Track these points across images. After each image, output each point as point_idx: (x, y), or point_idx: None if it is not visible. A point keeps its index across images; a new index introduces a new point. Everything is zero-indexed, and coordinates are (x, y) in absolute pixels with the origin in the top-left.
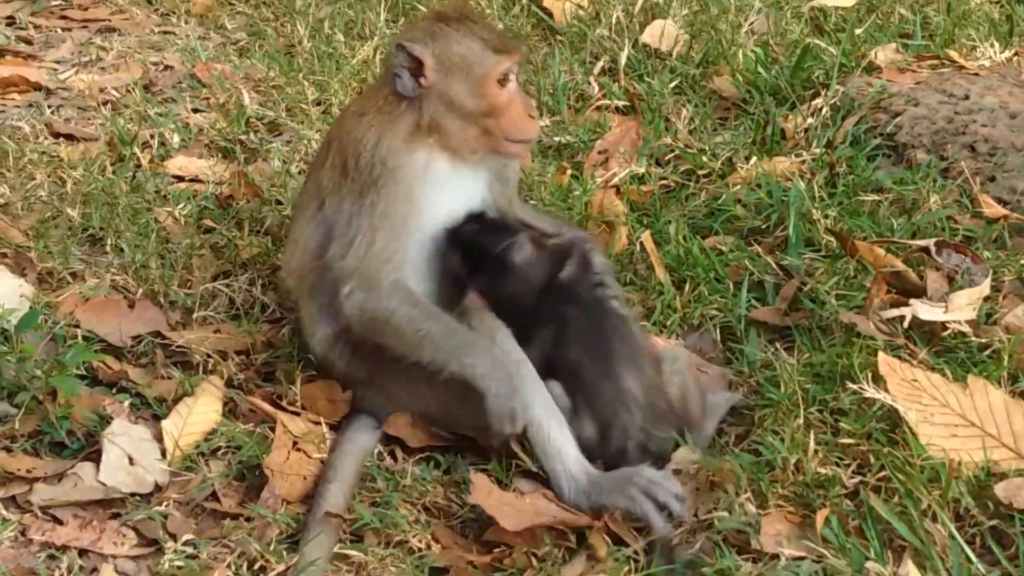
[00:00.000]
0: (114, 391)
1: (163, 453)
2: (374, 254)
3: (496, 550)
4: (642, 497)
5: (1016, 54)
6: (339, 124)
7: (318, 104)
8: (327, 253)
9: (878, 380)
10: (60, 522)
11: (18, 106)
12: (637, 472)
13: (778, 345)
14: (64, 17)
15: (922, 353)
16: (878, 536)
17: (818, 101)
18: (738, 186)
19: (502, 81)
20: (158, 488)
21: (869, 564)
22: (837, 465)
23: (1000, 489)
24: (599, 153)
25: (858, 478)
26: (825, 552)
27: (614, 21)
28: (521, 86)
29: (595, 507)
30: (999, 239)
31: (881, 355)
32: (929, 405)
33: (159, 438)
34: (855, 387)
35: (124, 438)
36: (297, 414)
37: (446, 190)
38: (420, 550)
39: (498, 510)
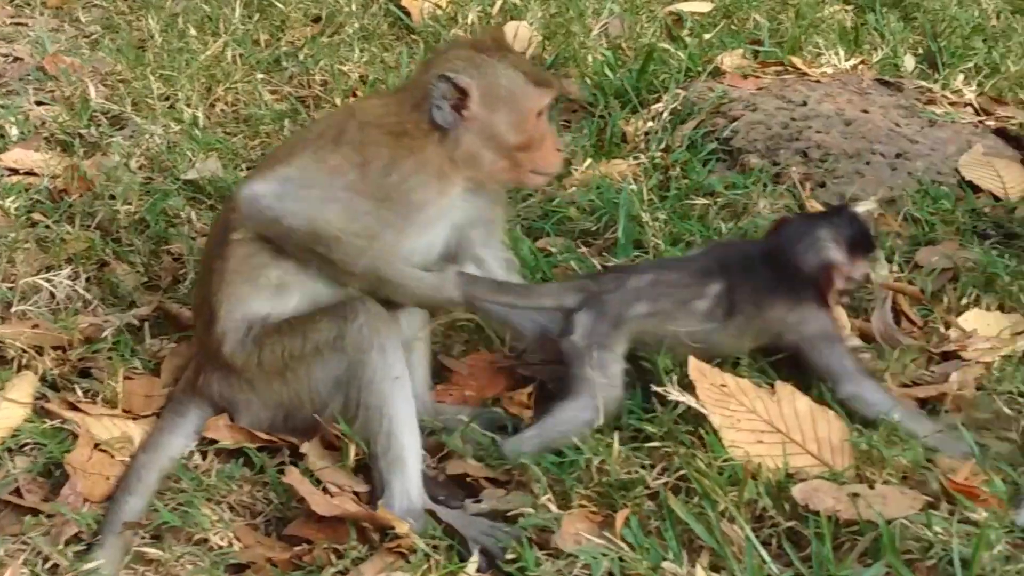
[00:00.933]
0: None
1: None
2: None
3: (298, 547)
4: (470, 543)
5: (863, 62)
6: (360, 129)
7: (165, 99)
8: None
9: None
10: None
11: None
12: (473, 523)
13: None
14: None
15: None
16: (676, 536)
17: (659, 105)
18: (574, 188)
19: (540, 114)
20: None
21: (665, 564)
22: (643, 467)
23: (797, 491)
24: None
25: (664, 479)
26: (623, 551)
27: (470, 22)
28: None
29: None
30: None
31: (692, 359)
32: (737, 410)
33: None
34: (660, 390)
35: None
36: (107, 413)
37: (442, 225)
38: (221, 548)
39: (311, 496)
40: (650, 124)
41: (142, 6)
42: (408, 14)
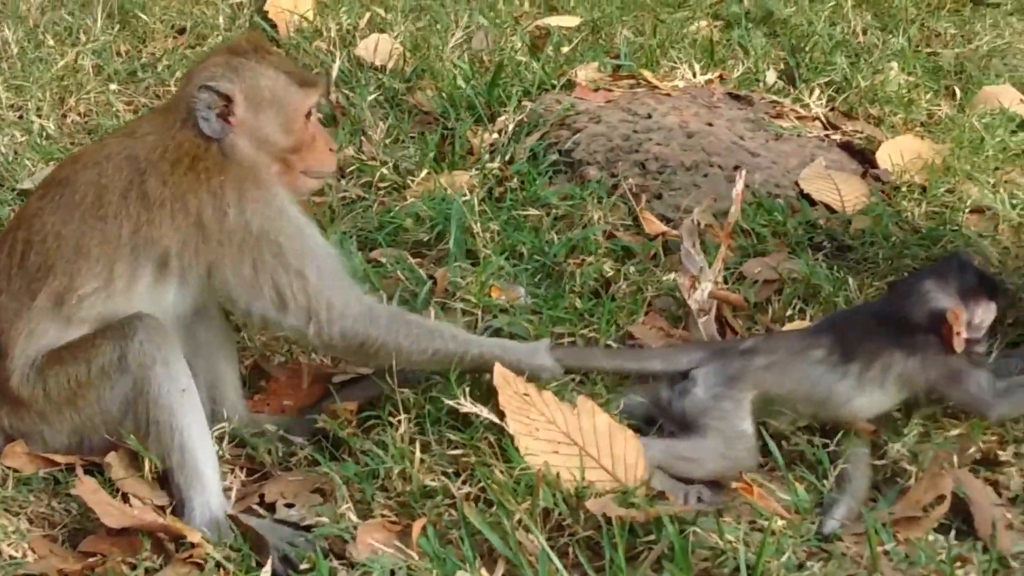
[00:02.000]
0: None
1: None
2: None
3: (91, 559)
4: (270, 549)
5: (720, 76)
6: (159, 180)
7: (15, 108)
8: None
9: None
10: None
11: None
12: (275, 530)
13: None
14: None
15: None
16: (473, 546)
17: (504, 117)
18: (412, 200)
19: (308, 115)
20: None
21: (460, 574)
22: (446, 475)
23: (591, 503)
24: None
25: (467, 489)
26: (415, 561)
27: (333, 34)
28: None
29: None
30: (656, 255)
31: (497, 367)
32: (536, 420)
33: None
34: (452, 402)
35: None
36: None
37: None
38: (14, 558)
39: (101, 507)
40: (495, 136)
41: (5, 15)
42: (275, 27)
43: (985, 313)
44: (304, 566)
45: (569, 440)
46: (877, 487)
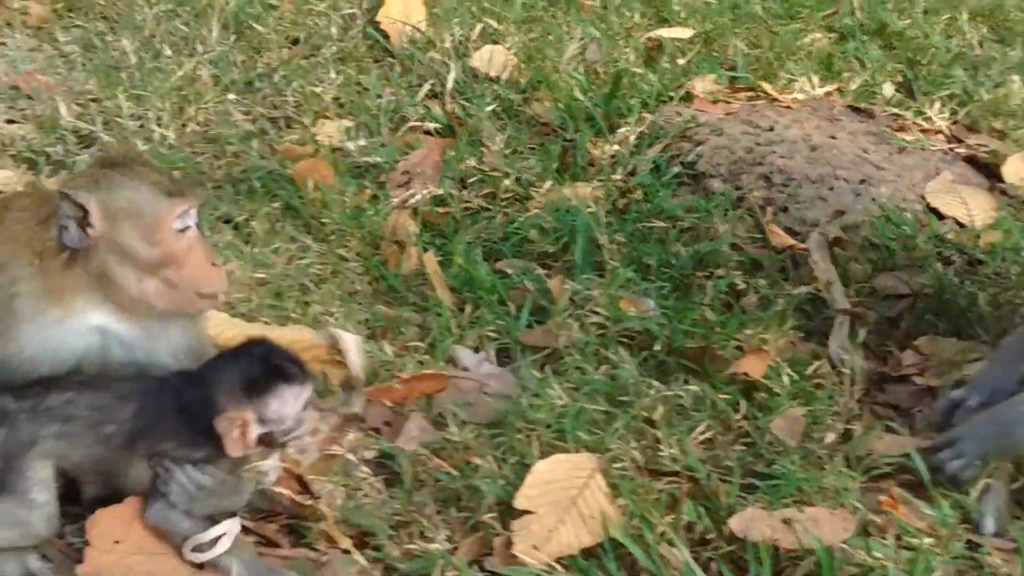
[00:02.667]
0: None
1: None
2: None
3: None
4: None
5: (838, 89)
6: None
7: (136, 118)
8: None
9: None
10: None
11: None
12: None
13: (549, 367)
14: None
15: None
16: (616, 559)
17: (625, 129)
18: (536, 211)
19: (179, 227)
20: None
21: None
22: None
23: (734, 522)
24: (403, 174)
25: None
26: (562, 573)
27: (447, 45)
28: (203, 233)
29: None
30: (784, 268)
31: None
32: None
33: None
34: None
35: None
36: None
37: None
38: None
39: None
40: (616, 148)
41: (121, 26)
42: (387, 37)
43: (283, 407)
44: None
45: None
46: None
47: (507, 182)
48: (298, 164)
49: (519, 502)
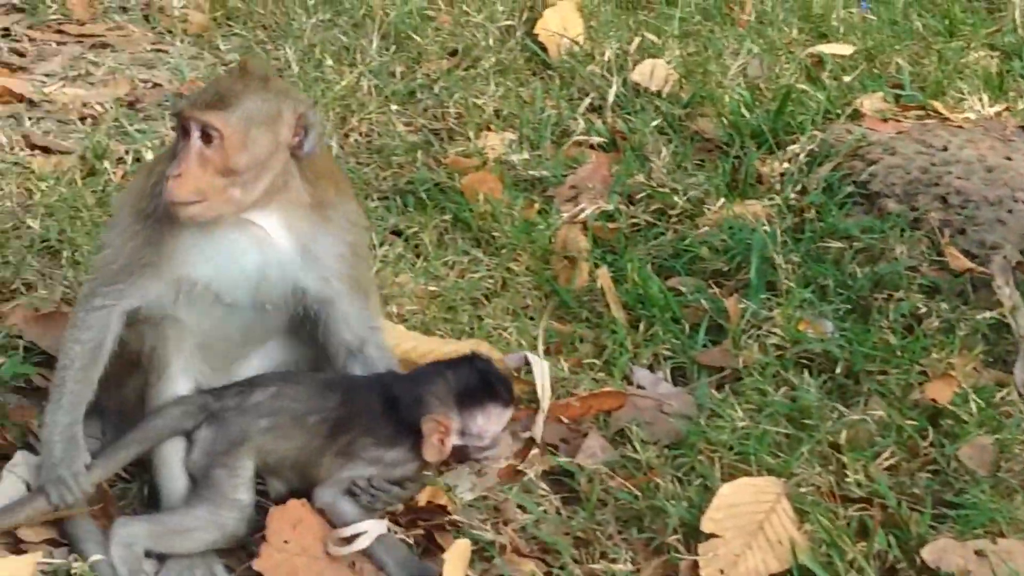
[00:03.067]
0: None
1: None
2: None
3: None
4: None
5: (1007, 108)
6: None
7: None
8: None
9: None
10: None
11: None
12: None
13: (727, 387)
14: (60, 31)
15: None
16: None
17: (795, 147)
18: (706, 228)
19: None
20: None
21: None
22: None
23: (927, 552)
24: (570, 188)
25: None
26: None
27: (607, 59)
28: (185, 143)
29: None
30: (963, 292)
31: None
32: None
33: None
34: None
35: None
36: None
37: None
38: None
39: None
40: (786, 165)
41: (282, 35)
42: (545, 50)
43: (488, 423)
44: None
45: None
46: None
47: (677, 198)
48: (466, 177)
49: (705, 525)
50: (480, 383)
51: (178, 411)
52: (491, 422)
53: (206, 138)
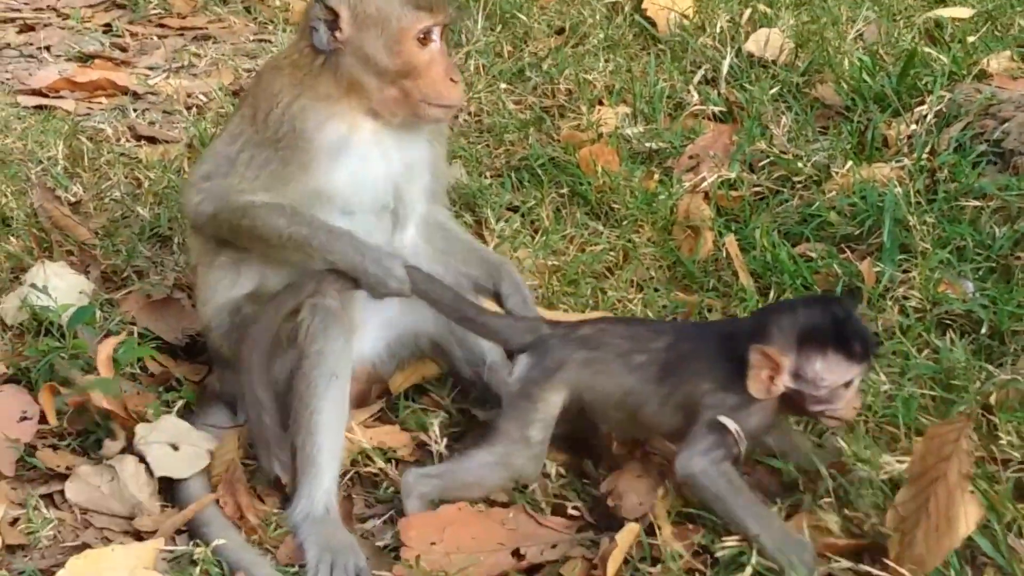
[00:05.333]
0: (163, 390)
1: None
2: (241, 188)
3: None
4: (324, 565)
5: None
6: (257, 78)
7: None
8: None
9: None
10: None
11: (104, 109)
12: (353, 551)
13: None
14: (161, 25)
15: None
16: (958, 552)
17: (922, 108)
18: (833, 193)
19: (423, 40)
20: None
21: None
22: None
23: None
24: (689, 158)
25: None
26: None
27: (718, 30)
28: (447, 51)
29: (299, 540)
30: None
31: None
32: None
33: None
34: None
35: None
36: None
37: (351, 165)
38: None
39: None
40: (913, 127)
41: None
42: (654, 24)
43: (825, 371)
44: None
45: None
46: None
47: (800, 164)
48: (582, 150)
49: None
50: (830, 327)
51: (515, 324)
52: (830, 371)
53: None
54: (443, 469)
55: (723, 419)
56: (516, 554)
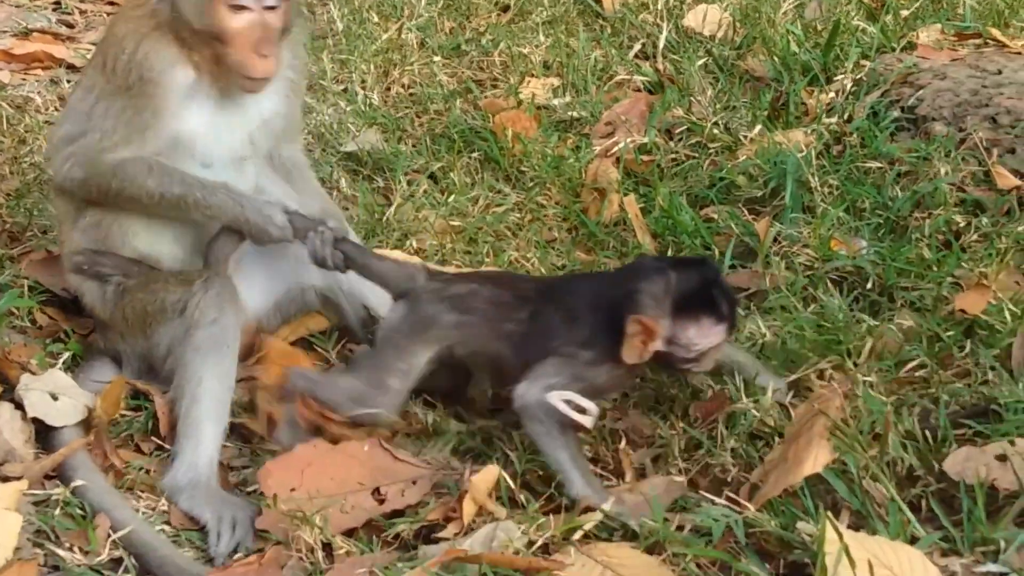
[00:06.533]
0: (50, 341)
1: None
2: (103, 146)
3: None
4: (226, 525)
5: None
6: (108, 26)
7: (338, 82)
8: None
9: None
10: None
11: (39, 80)
12: (242, 506)
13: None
14: (112, 3)
15: None
16: (814, 495)
17: (842, 76)
18: (744, 158)
19: (235, 7)
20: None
21: (800, 524)
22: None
23: (948, 464)
24: (606, 124)
25: None
26: (754, 513)
27: (660, 7)
28: (271, 24)
29: (186, 504)
30: (1010, 211)
31: None
32: None
33: None
34: None
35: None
36: None
37: (204, 112)
38: None
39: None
40: (832, 96)
41: None
42: (599, 1)
43: (698, 336)
44: None
45: None
46: None
47: (715, 131)
48: (497, 116)
49: None
50: (702, 292)
51: (401, 271)
52: (703, 335)
53: (270, 7)
54: (320, 376)
55: (554, 398)
56: (376, 493)
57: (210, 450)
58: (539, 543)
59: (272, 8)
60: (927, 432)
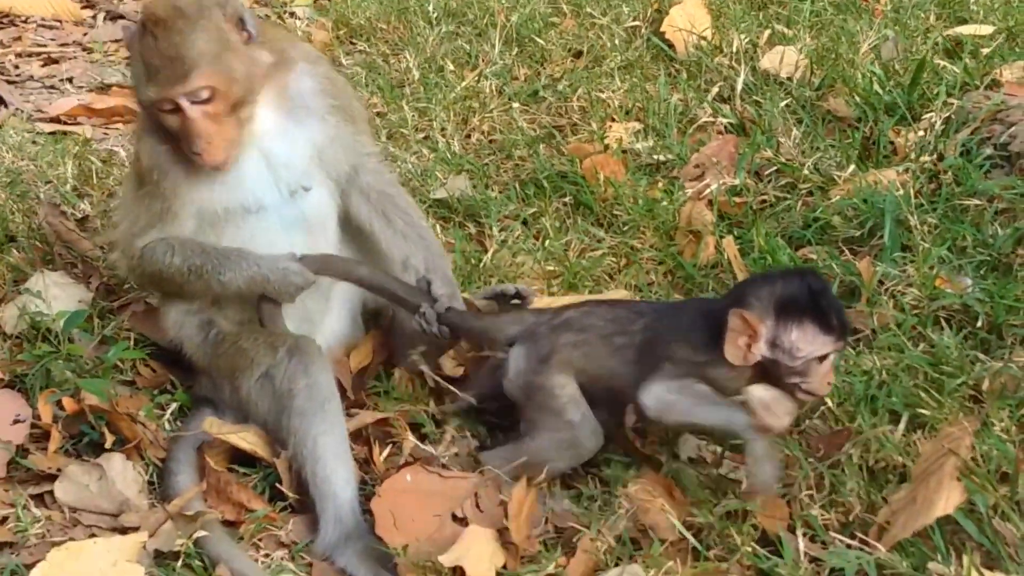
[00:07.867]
0: (157, 392)
1: None
2: (133, 232)
3: None
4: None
5: None
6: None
7: (418, 130)
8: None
9: None
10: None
11: (121, 134)
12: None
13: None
14: None
15: None
16: (944, 535)
17: (931, 114)
18: (838, 198)
19: (167, 111)
20: None
21: (931, 565)
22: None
23: None
24: (695, 167)
25: None
26: (885, 554)
27: (735, 50)
28: (206, 120)
29: (341, 560)
30: None
31: None
32: None
33: None
34: None
35: None
36: None
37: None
38: None
39: None
40: (921, 134)
41: (403, 47)
42: (672, 47)
43: (802, 341)
44: None
45: None
46: None
47: (806, 171)
48: (585, 160)
49: None
50: (807, 298)
51: (506, 318)
52: (806, 341)
53: (201, 102)
54: (510, 449)
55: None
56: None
57: (349, 497)
58: None
59: (204, 101)
60: None
